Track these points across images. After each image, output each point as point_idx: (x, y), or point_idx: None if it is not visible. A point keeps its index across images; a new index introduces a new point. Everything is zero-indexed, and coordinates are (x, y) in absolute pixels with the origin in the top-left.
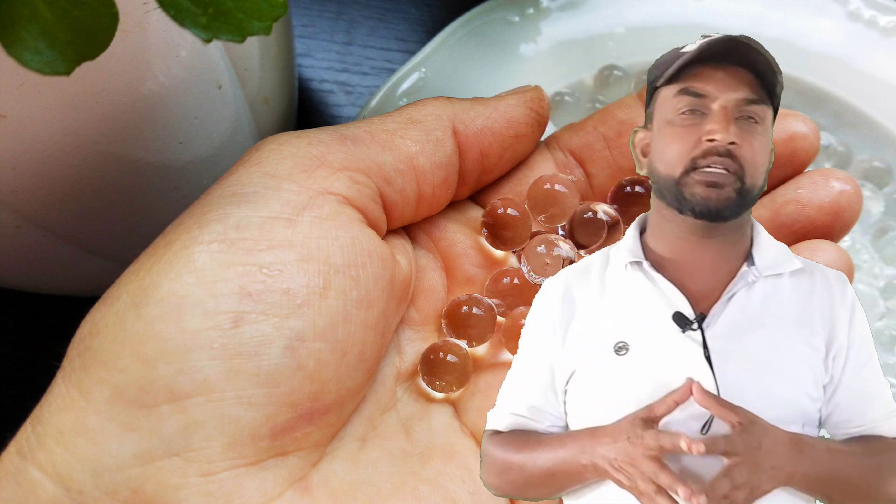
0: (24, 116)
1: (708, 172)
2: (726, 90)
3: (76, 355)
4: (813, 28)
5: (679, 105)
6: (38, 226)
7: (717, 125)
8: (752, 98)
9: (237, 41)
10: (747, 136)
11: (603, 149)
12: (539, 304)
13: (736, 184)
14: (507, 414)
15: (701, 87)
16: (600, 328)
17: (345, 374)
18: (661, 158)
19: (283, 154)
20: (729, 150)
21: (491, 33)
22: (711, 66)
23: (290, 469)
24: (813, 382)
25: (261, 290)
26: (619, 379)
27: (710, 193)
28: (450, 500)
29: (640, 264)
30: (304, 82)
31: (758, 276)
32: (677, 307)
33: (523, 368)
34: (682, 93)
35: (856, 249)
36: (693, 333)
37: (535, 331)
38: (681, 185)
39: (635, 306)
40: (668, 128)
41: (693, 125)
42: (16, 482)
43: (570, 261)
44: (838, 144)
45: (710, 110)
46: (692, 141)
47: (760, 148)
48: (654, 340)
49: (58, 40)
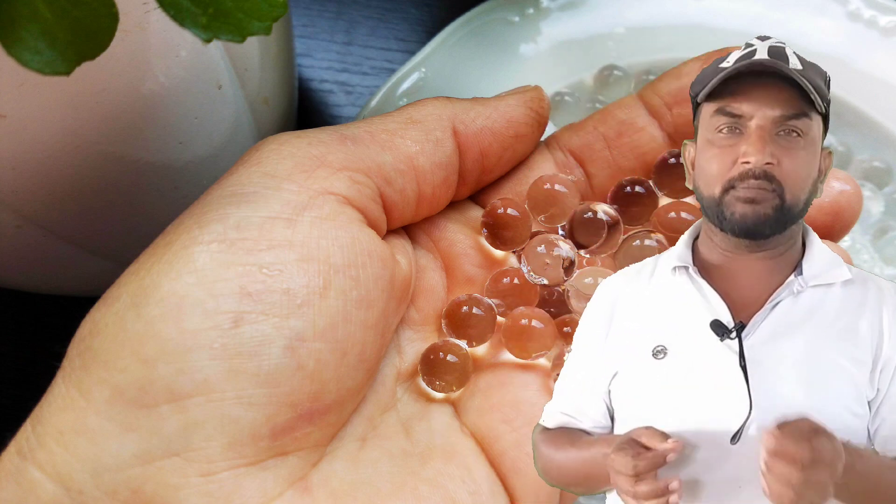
0: (24, 116)
1: (745, 190)
2: (763, 107)
3: (76, 355)
4: (813, 28)
5: (717, 124)
6: (38, 226)
7: (752, 147)
8: (792, 114)
9: (237, 41)
10: (787, 153)
11: (603, 149)
12: (592, 305)
13: (775, 201)
14: (555, 412)
15: (737, 106)
16: (641, 330)
17: (345, 374)
18: (702, 177)
19: (283, 154)
20: (765, 172)
21: (491, 33)
22: (750, 83)
23: (290, 469)
24: (855, 397)
25: (261, 290)
26: (655, 383)
27: (748, 210)
28: (450, 500)
29: (686, 269)
30: (304, 82)
31: (804, 286)
32: (717, 315)
33: (572, 368)
34: (719, 112)
35: (856, 249)
36: (731, 342)
37: (585, 331)
38: (721, 205)
39: (677, 311)
40: (707, 147)
41: (730, 146)
42: (16, 482)
43: (570, 261)
44: (838, 144)
45: (747, 129)
46: (729, 161)
47: (804, 162)
48: (691, 346)
49: (58, 40)
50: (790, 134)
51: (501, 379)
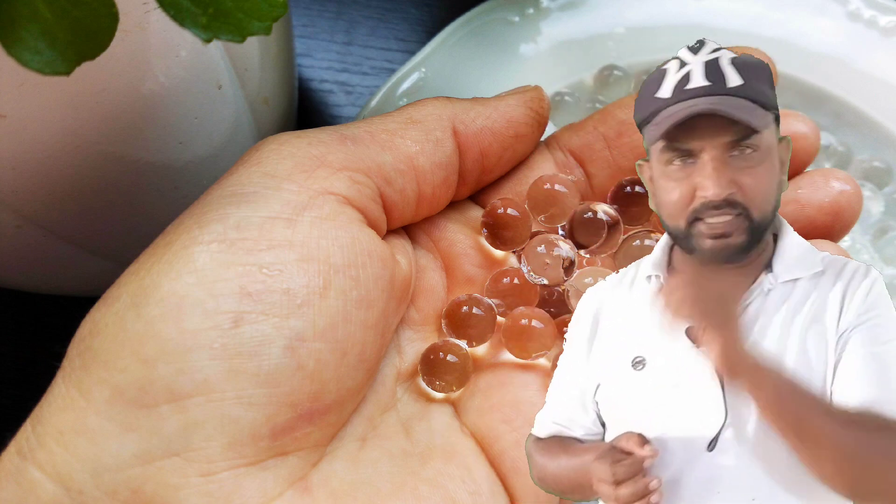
0: (24, 116)
1: (712, 224)
2: (711, 138)
3: (76, 355)
4: (813, 28)
5: (667, 158)
6: (38, 226)
7: (708, 180)
8: (742, 136)
9: (237, 41)
10: (745, 172)
11: (603, 149)
12: (577, 313)
13: (744, 224)
14: (546, 421)
15: (686, 141)
16: (621, 342)
17: (345, 374)
18: (663, 210)
19: (283, 154)
20: (726, 200)
21: (491, 33)
22: (691, 121)
23: (290, 469)
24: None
25: (261, 290)
26: (636, 394)
27: (718, 245)
28: (450, 500)
29: (659, 278)
30: (304, 82)
31: (774, 284)
32: (691, 322)
33: (560, 378)
34: (668, 149)
35: (856, 249)
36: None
37: (571, 340)
38: (689, 237)
39: (654, 320)
40: (663, 179)
41: (685, 177)
42: (16, 482)
43: (570, 261)
44: (838, 144)
45: (700, 159)
46: (687, 194)
47: (764, 175)
48: (668, 356)
49: (58, 40)
50: (744, 151)
51: (501, 379)
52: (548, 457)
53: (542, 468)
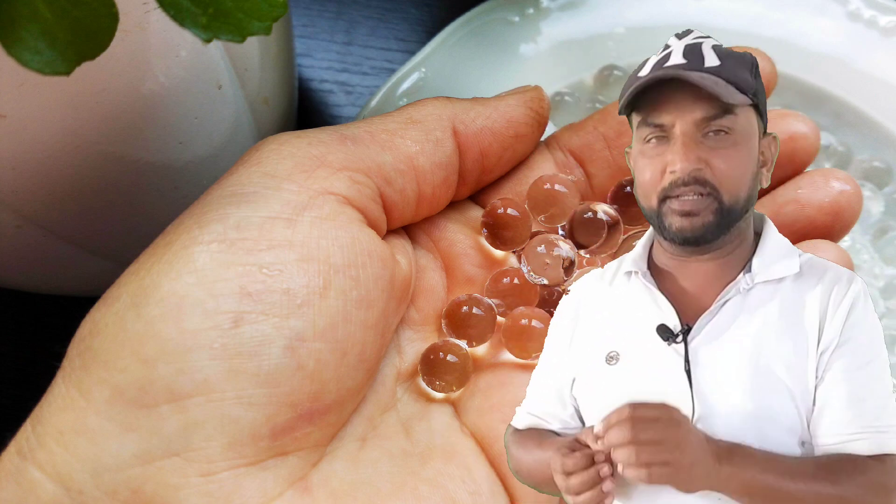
0: (24, 116)
1: (682, 201)
2: (683, 113)
3: (76, 355)
4: (813, 28)
5: (643, 135)
6: (38, 226)
7: (676, 155)
8: (713, 114)
9: (237, 41)
10: (717, 153)
11: (603, 149)
12: (559, 309)
13: (713, 205)
14: (524, 413)
15: (657, 115)
16: (597, 337)
17: (345, 374)
18: (639, 188)
19: (283, 154)
20: (695, 177)
21: (491, 33)
22: (668, 88)
23: (290, 469)
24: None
25: (261, 290)
26: (608, 389)
27: (685, 223)
28: (450, 500)
29: (637, 274)
30: (304, 82)
31: (751, 283)
32: (665, 319)
33: (539, 372)
34: (643, 124)
35: (856, 249)
36: (677, 346)
37: (552, 336)
38: (660, 216)
39: (629, 316)
40: (639, 158)
41: (658, 155)
42: (16, 482)
43: (570, 261)
44: (838, 144)
45: (672, 136)
46: (658, 171)
47: (736, 159)
48: (641, 352)
49: (58, 40)
50: (718, 133)
51: (501, 379)
52: (523, 449)
53: (517, 460)
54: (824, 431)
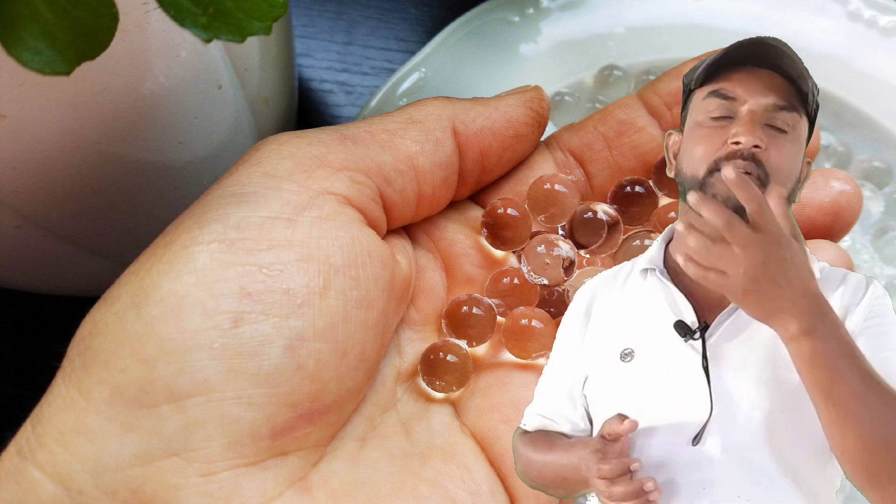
0: (24, 116)
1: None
2: (756, 94)
3: (76, 355)
4: (813, 28)
5: (709, 107)
6: (38, 226)
7: (743, 128)
8: (782, 104)
9: (237, 41)
10: (775, 142)
11: (603, 149)
12: (570, 309)
13: (757, 184)
14: (534, 414)
15: (731, 89)
16: (611, 334)
17: (345, 374)
18: (687, 158)
19: (283, 154)
20: (753, 154)
21: (491, 33)
22: (744, 69)
23: (290, 469)
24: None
25: (261, 290)
26: (623, 386)
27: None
28: (450, 500)
29: (654, 271)
30: (304, 82)
31: None
32: (682, 316)
33: (550, 372)
34: (712, 95)
35: (856, 249)
36: (695, 343)
37: (563, 335)
38: (704, 186)
39: (645, 313)
40: (696, 129)
41: (720, 127)
42: (16, 482)
43: (570, 261)
44: (838, 144)
45: (738, 114)
46: (718, 143)
47: (789, 156)
48: (657, 349)
49: (58, 40)
50: (776, 129)
51: (501, 379)
52: (533, 450)
53: (526, 462)
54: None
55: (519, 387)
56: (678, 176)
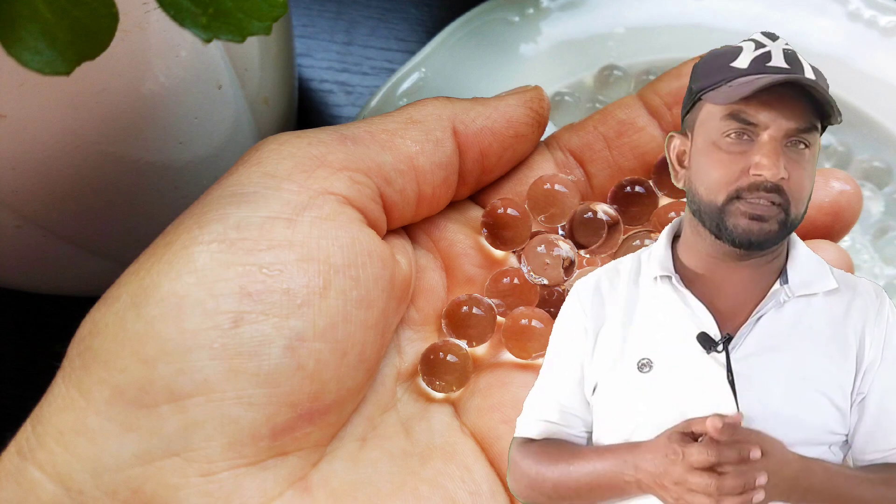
0: (24, 116)
1: (753, 204)
2: (778, 118)
3: (76, 355)
4: (813, 28)
5: (726, 128)
6: (38, 226)
7: (767, 160)
8: (805, 127)
9: (237, 41)
10: (795, 166)
11: (603, 149)
12: (569, 307)
13: (780, 216)
14: (536, 420)
15: (753, 114)
16: (625, 342)
17: (345, 374)
18: (703, 182)
19: (283, 154)
20: (778, 186)
21: (491, 33)
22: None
23: (290, 469)
24: (841, 406)
25: (261, 290)
26: (640, 397)
27: (753, 226)
28: (450, 500)
29: (669, 279)
30: (304, 82)
31: (790, 296)
32: (704, 327)
33: (553, 371)
34: (732, 117)
35: (856, 249)
36: (718, 355)
37: (565, 333)
38: (723, 214)
39: (662, 322)
40: (712, 150)
41: (740, 153)
42: (16, 482)
43: (570, 261)
44: (838, 144)
45: (758, 137)
46: (738, 170)
47: (808, 175)
48: (677, 360)
49: (58, 40)
50: (798, 146)
51: (501, 379)
52: (544, 463)
53: (533, 476)
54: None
55: (519, 387)
56: (690, 193)
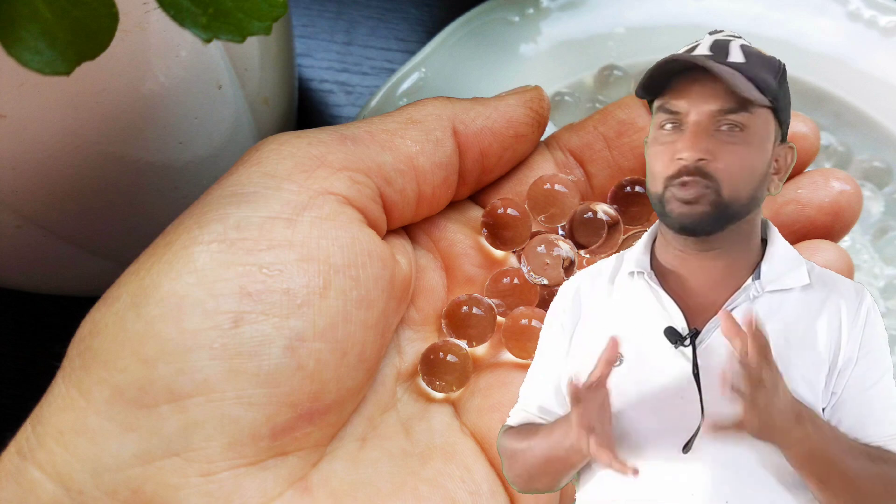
0: (24, 116)
1: (682, 188)
2: (699, 103)
3: (76, 355)
4: (813, 28)
5: (659, 121)
6: (38, 226)
7: (684, 143)
8: (729, 107)
9: (237, 41)
10: (725, 147)
11: (603, 149)
12: (553, 306)
13: (710, 196)
14: (519, 411)
15: (675, 103)
16: (599, 337)
17: (345, 374)
18: (649, 175)
19: (283, 154)
20: (698, 168)
21: (491, 33)
22: (688, 77)
23: (290, 469)
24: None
25: (261, 290)
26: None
27: (684, 209)
28: (450, 500)
29: (642, 274)
30: (304, 82)
31: (760, 292)
32: (672, 322)
33: (535, 369)
34: (661, 110)
35: (856, 249)
36: (685, 349)
37: (547, 333)
38: (663, 203)
39: (634, 317)
40: (653, 144)
41: (671, 143)
42: (16, 482)
43: (570, 261)
44: (838, 144)
45: (685, 124)
46: (668, 159)
47: (744, 156)
48: (647, 354)
49: (58, 40)
50: (732, 128)
51: (501, 379)
52: (516, 440)
53: (511, 454)
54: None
55: (519, 387)
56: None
